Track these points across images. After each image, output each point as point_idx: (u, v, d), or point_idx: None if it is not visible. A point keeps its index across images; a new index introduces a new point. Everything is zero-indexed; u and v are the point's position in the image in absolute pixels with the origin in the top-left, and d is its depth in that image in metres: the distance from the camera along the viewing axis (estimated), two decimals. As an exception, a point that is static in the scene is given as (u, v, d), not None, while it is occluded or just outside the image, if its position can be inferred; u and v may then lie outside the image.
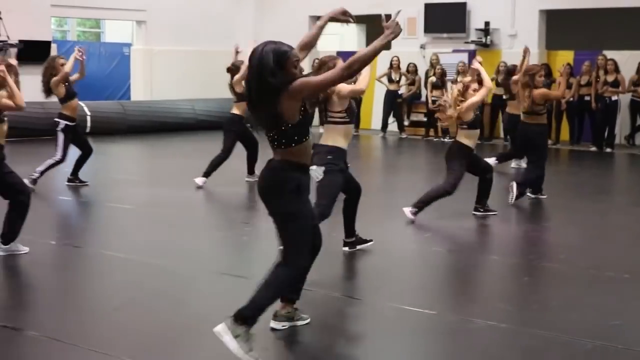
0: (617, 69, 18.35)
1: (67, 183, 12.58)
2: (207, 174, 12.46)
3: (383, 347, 5.83)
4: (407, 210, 9.78)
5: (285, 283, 5.57)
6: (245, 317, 5.34)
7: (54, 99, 12.47)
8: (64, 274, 7.82)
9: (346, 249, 8.36)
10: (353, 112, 7.91)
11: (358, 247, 8.29)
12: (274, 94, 5.21)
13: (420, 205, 9.84)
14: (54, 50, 21.23)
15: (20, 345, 5.80)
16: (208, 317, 6.22)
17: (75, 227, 10.29)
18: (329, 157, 7.58)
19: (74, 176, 12.58)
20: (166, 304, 6.67)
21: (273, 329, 5.96)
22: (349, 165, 8.01)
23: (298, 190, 5.48)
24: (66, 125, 12.27)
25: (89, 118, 19.95)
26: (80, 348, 5.62)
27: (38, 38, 20.54)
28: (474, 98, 9.89)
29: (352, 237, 8.35)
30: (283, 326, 6.00)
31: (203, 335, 5.88)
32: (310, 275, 6.07)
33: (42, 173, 12.14)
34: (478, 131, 10.26)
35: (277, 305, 5.93)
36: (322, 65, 7.56)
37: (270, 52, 5.23)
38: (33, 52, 20.35)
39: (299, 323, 6.07)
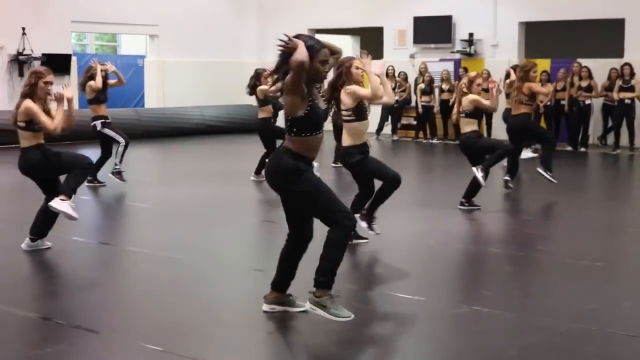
0: (590, 76, 18.41)
1: (86, 184, 12.58)
2: (258, 171, 12.78)
3: (376, 330, 5.87)
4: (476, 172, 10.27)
5: (341, 240, 5.61)
6: (323, 284, 5.56)
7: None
8: (87, 268, 7.79)
9: None
10: (361, 111, 7.96)
11: (353, 241, 8.31)
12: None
13: (486, 167, 10.28)
14: (74, 63, 21.28)
15: (47, 331, 5.80)
16: (221, 307, 6.28)
17: (97, 225, 10.25)
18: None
19: (93, 177, 12.60)
20: (181, 294, 6.68)
21: (265, 311, 5.99)
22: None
23: (299, 171, 5.55)
24: (103, 122, 12.59)
25: (106, 124, 19.96)
26: (99, 334, 5.65)
27: (59, 51, 20.54)
28: (483, 101, 10.36)
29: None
30: (272, 309, 5.99)
31: (214, 323, 5.92)
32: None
33: (121, 162, 12.60)
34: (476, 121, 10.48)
35: (267, 290, 5.99)
36: (340, 65, 7.72)
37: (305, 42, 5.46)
38: (55, 64, 20.30)
39: (291, 309, 5.99)
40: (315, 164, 6.17)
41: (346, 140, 8.07)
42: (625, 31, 19.10)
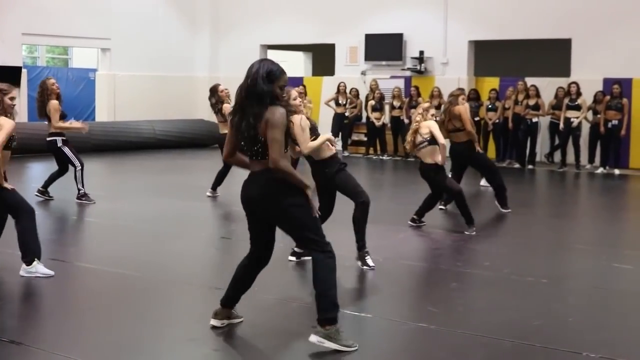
0: (538, 94, 18.63)
1: (36, 194, 12.43)
2: (215, 187, 12.78)
3: (320, 347, 5.85)
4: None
5: (328, 265, 5.66)
6: (329, 318, 5.57)
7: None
8: (33, 284, 7.69)
9: (293, 258, 8.37)
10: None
11: (303, 258, 8.29)
12: (260, 99, 5.46)
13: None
14: (24, 75, 21.06)
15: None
16: (167, 323, 6.22)
17: (46, 240, 10.02)
18: None
19: (45, 189, 12.45)
20: (128, 311, 6.60)
21: (213, 327, 5.97)
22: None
23: (294, 191, 5.62)
24: (62, 139, 12.37)
25: (56, 137, 19.77)
26: (42, 351, 5.55)
27: (10, 63, 20.32)
28: (437, 131, 10.08)
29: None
30: (222, 324, 6.00)
31: (158, 340, 5.87)
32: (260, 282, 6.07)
33: (83, 186, 12.36)
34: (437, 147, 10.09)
35: (216, 306, 5.96)
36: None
37: (264, 66, 5.51)
38: (5, 76, 20.07)
39: (235, 321, 6.08)
40: None
41: None
42: (572, 51, 19.38)
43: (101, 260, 8.38)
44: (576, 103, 18.03)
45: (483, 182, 14.36)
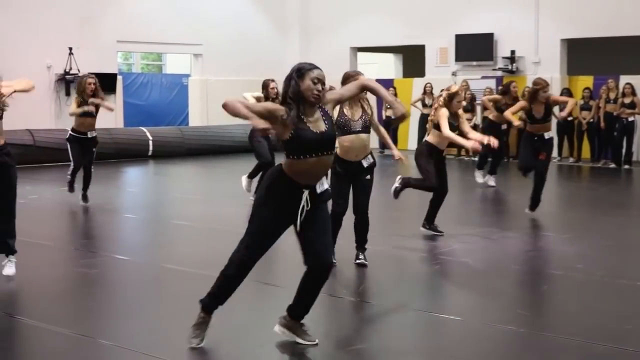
0: (633, 92, 18.25)
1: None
2: None
3: (412, 350, 5.85)
4: None
5: (233, 262, 5.66)
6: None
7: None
8: (128, 287, 7.87)
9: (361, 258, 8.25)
10: (340, 127, 7.71)
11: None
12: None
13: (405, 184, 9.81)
14: (119, 82, 21.56)
15: (79, 348, 5.82)
16: (248, 325, 6.29)
17: (139, 243, 10.31)
18: None
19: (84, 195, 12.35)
20: (217, 312, 6.67)
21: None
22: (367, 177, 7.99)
23: (266, 190, 5.51)
24: (70, 134, 12.20)
25: (150, 142, 20.22)
26: (134, 352, 5.66)
27: (105, 71, 20.82)
28: (445, 128, 9.35)
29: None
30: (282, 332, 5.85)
31: (245, 342, 5.93)
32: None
33: (68, 184, 12.33)
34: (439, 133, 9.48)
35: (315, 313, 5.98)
36: (346, 78, 7.71)
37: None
38: (101, 83, 20.62)
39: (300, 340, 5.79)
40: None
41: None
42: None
43: (191, 262, 8.49)
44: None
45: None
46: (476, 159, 20.00)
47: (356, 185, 8.00)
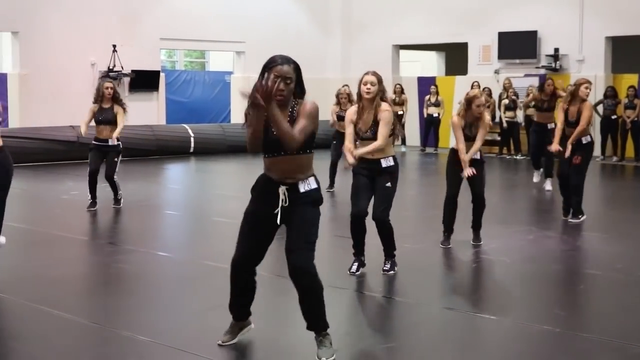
0: (679, 90, 18.04)
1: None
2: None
3: (444, 348, 5.84)
4: None
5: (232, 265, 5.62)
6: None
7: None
8: (167, 284, 7.93)
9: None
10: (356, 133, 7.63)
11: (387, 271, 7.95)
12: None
13: None
14: (162, 79, 21.74)
15: (116, 344, 5.85)
16: (283, 322, 6.29)
17: (178, 240, 10.37)
18: None
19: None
20: (255, 309, 6.69)
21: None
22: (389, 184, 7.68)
23: (253, 190, 5.48)
24: (93, 142, 11.78)
25: (192, 139, 20.37)
26: (171, 348, 5.69)
27: (148, 68, 21.03)
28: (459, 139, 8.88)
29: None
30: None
31: (277, 341, 5.95)
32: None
33: (89, 193, 11.65)
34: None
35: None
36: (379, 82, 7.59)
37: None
38: (144, 80, 20.90)
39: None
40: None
41: None
42: None
43: (231, 260, 8.50)
44: None
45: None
46: (519, 157, 19.95)
47: (376, 191, 7.69)
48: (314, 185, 5.35)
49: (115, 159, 11.69)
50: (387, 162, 7.63)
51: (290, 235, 5.31)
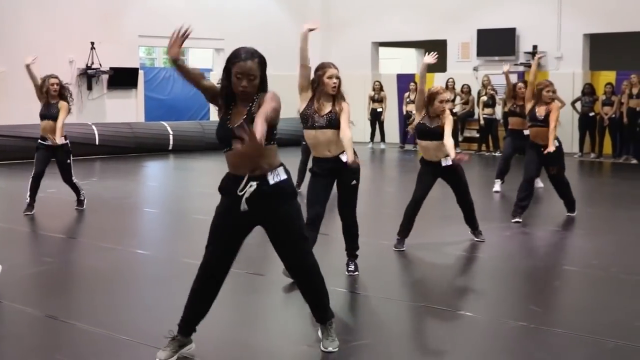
0: (656, 87, 18.17)
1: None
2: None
3: (421, 345, 5.87)
4: None
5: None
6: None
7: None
8: (144, 280, 7.92)
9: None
10: (303, 119, 7.46)
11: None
12: None
13: None
14: (141, 77, 21.68)
15: (93, 342, 5.82)
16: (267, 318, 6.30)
17: (157, 237, 10.38)
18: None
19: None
20: (226, 307, 6.69)
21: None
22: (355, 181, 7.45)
23: (220, 190, 5.43)
24: (39, 141, 11.45)
25: (171, 137, 20.33)
26: (151, 347, 5.66)
27: (127, 65, 20.97)
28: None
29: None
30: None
31: (252, 339, 5.95)
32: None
33: (28, 196, 11.30)
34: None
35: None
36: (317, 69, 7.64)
37: None
38: (122, 78, 20.85)
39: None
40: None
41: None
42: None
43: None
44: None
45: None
46: (498, 154, 20.03)
47: (340, 189, 7.45)
48: (283, 176, 5.26)
49: (68, 161, 11.37)
50: (345, 157, 7.24)
51: (278, 234, 5.30)
